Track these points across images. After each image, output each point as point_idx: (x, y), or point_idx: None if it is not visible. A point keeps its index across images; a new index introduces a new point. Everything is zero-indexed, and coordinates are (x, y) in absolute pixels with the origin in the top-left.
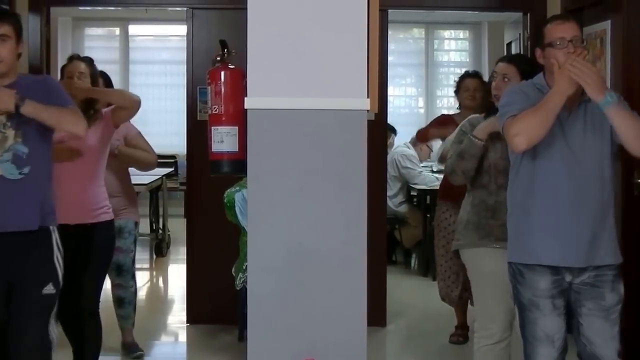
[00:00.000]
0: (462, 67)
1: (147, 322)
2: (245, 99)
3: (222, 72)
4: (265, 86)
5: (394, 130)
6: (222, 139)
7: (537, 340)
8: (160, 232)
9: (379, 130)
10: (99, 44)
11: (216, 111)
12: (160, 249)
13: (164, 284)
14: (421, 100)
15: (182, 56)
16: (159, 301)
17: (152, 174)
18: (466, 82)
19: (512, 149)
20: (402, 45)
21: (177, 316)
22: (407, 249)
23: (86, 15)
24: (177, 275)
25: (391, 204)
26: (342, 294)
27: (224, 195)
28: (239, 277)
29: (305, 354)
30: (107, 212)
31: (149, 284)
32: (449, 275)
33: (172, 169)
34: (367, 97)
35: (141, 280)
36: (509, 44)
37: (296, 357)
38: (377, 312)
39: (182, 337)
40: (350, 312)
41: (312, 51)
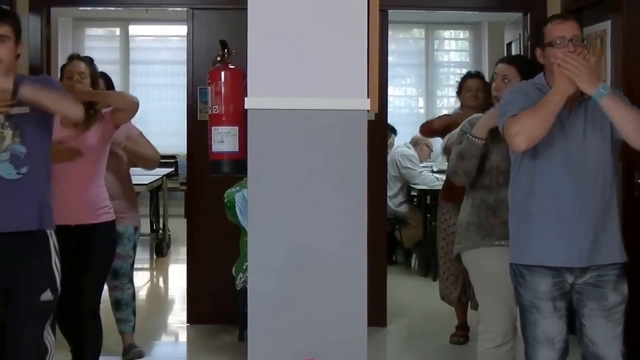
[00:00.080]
0: (462, 67)
1: (148, 322)
2: (245, 99)
3: (223, 72)
4: (265, 86)
5: (394, 130)
6: (223, 139)
7: (538, 342)
8: (160, 232)
9: (379, 130)
10: (99, 44)
11: (216, 111)
12: (160, 249)
13: (164, 284)
14: (421, 100)
15: (183, 56)
16: (159, 301)
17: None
18: (468, 83)
19: (512, 149)
20: (402, 45)
21: (177, 316)
22: (408, 249)
23: (86, 15)
24: (177, 275)
25: (391, 204)
26: (342, 294)
27: (224, 195)
28: (239, 277)
29: (305, 354)
30: (108, 212)
31: (149, 284)
32: (447, 276)
33: (173, 169)
34: (367, 97)
35: (141, 280)
36: (509, 44)
37: (296, 357)
38: (378, 312)
39: (183, 337)
40: (350, 312)
41: (312, 51)
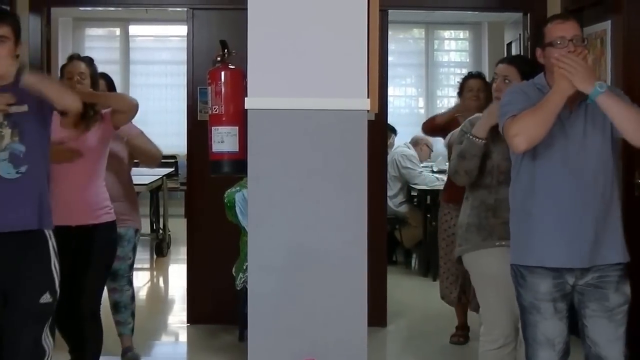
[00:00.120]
0: (462, 67)
1: (148, 322)
2: (245, 99)
3: (223, 73)
4: (265, 86)
5: (394, 130)
6: (223, 139)
7: (538, 343)
8: (160, 232)
9: (379, 130)
10: (99, 45)
11: (216, 111)
12: (160, 249)
13: (164, 284)
14: (421, 100)
15: (183, 56)
16: (159, 301)
17: (152, 174)
18: (470, 83)
19: (512, 150)
20: (402, 45)
21: (177, 316)
22: (408, 249)
23: (87, 15)
24: (177, 275)
25: (391, 204)
26: (342, 294)
27: (225, 195)
28: (239, 277)
29: (305, 354)
30: (108, 212)
31: (150, 284)
32: (447, 276)
33: (173, 169)
34: (367, 97)
35: (141, 280)
36: (509, 44)
37: (296, 357)
38: (378, 312)
39: (183, 337)
40: (350, 312)
41: (312, 51)
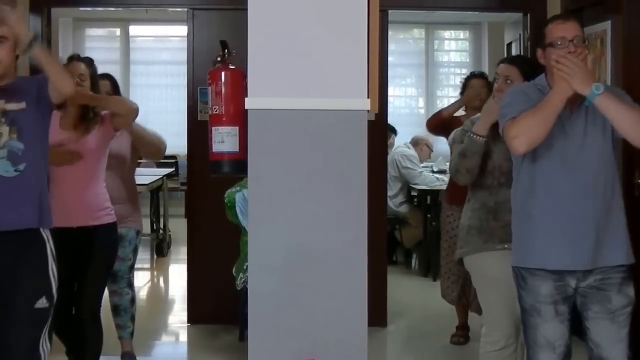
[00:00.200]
0: (463, 67)
1: (148, 322)
2: (245, 99)
3: (223, 73)
4: (265, 86)
5: (394, 130)
6: (223, 139)
7: (538, 345)
8: (160, 232)
9: (379, 130)
10: (99, 45)
11: (217, 111)
12: (161, 249)
13: (164, 284)
14: (421, 100)
15: (183, 57)
16: (159, 301)
17: (152, 174)
18: (472, 83)
19: (512, 152)
20: (402, 45)
21: (177, 316)
22: (408, 249)
23: (87, 15)
24: (177, 275)
25: (391, 204)
26: (342, 294)
27: (225, 195)
28: (239, 277)
29: (305, 354)
30: (109, 214)
31: (150, 284)
32: (448, 276)
33: (173, 169)
34: (368, 97)
35: (142, 280)
36: (509, 45)
37: (297, 357)
38: (378, 312)
39: (183, 337)
40: (350, 312)
41: (312, 51)
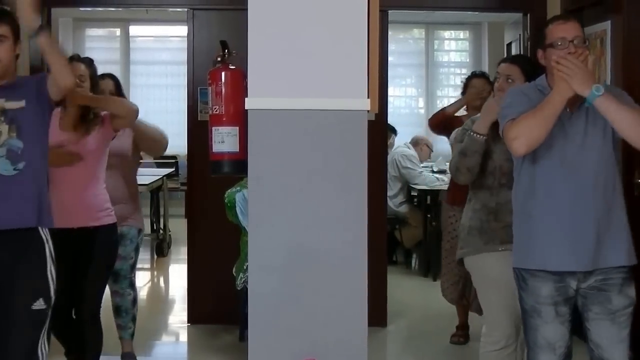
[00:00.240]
0: (463, 67)
1: (148, 322)
2: (245, 99)
3: (223, 73)
4: (265, 87)
5: (394, 130)
6: (223, 139)
7: (539, 347)
8: (161, 232)
9: (379, 130)
10: (99, 45)
11: (217, 111)
12: (161, 249)
13: (164, 284)
14: (421, 100)
15: (183, 57)
16: (159, 301)
17: (152, 174)
18: (473, 82)
19: (512, 153)
20: (403, 45)
21: (178, 316)
22: (408, 249)
23: (87, 16)
24: (178, 275)
25: (391, 204)
26: (342, 294)
27: (225, 195)
28: (239, 277)
29: (306, 354)
30: (109, 214)
31: (150, 284)
32: (449, 277)
33: (173, 169)
34: (368, 97)
35: (142, 280)
36: (509, 45)
37: (297, 357)
38: (378, 312)
39: (183, 336)
40: (350, 312)
41: (312, 52)
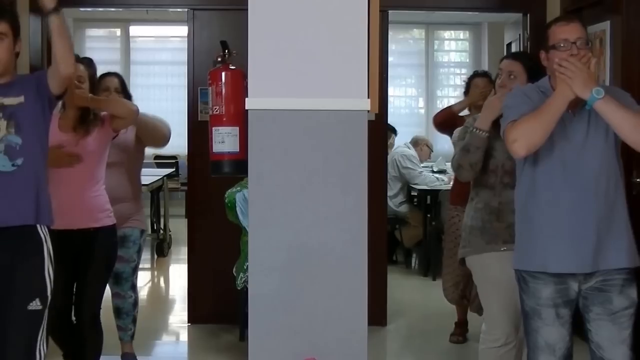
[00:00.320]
0: (462, 67)
1: (149, 321)
2: (246, 99)
3: (223, 73)
4: (266, 87)
5: (394, 130)
6: (223, 140)
7: (539, 348)
8: (161, 232)
9: (380, 130)
10: (100, 45)
11: (217, 112)
12: (161, 249)
13: (165, 283)
14: (421, 100)
15: (183, 57)
16: (160, 301)
17: (153, 175)
18: (476, 82)
19: (512, 155)
20: (403, 45)
21: (178, 316)
22: (408, 248)
23: (87, 16)
24: (178, 275)
25: (392, 204)
26: (342, 293)
27: (225, 195)
28: (240, 277)
29: (306, 353)
30: (109, 216)
31: (151, 284)
32: (449, 277)
33: (173, 170)
34: (368, 97)
35: (142, 280)
36: (509, 45)
37: (297, 357)
38: (378, 312)
39: (184, 336)
40: (350, 311)
41: (312, 52)
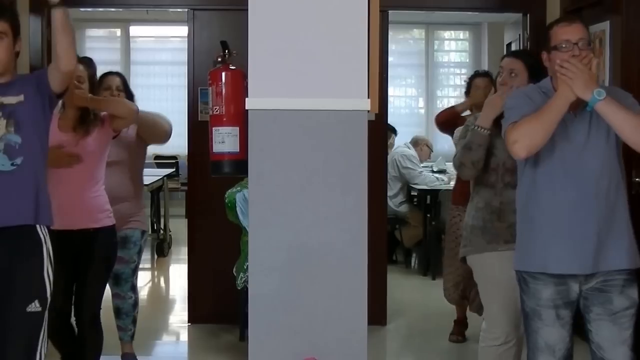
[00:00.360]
0: (462, 67)
1: (149, 321)
2: (246, 99)
3: (223, 73)
4: (266, 87)
5: (394, 130)
6: (223, 140)
7: (539, 349)
8: (161, 232)
9: (380, 130)
10: (100, 45)
11: (217, 112)
12: (161, 249)
13: (165, 283)
14: (421, 100)
15: (183, 57)
16: (160, 301)
17: (153, 175)
18: (477, 82)
19: (513, 156)
20: (403, 45)
21: (178, 316)
22: (408, 248)
23: (87, 16)
24: (178, 275)
25: (392, 204)
26: (342, 293)
27: (225, 195)
28: (240, 277)
29: (306, 353)
30: (109, 216)
31: (151, 284)
32: (450, 278)
33: (174, 170)
34: (368, 97)
35: (143, 280)
36: (508, 45)
37: (297, 356)
38: (378, 311)
39: (184, 336)
40: (350, 311)
41: (312, 52)
